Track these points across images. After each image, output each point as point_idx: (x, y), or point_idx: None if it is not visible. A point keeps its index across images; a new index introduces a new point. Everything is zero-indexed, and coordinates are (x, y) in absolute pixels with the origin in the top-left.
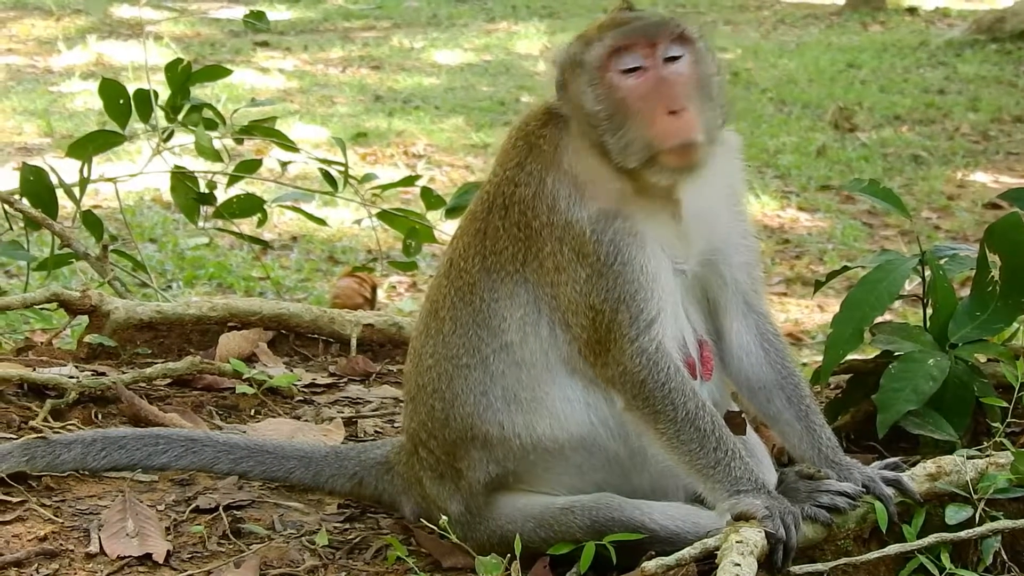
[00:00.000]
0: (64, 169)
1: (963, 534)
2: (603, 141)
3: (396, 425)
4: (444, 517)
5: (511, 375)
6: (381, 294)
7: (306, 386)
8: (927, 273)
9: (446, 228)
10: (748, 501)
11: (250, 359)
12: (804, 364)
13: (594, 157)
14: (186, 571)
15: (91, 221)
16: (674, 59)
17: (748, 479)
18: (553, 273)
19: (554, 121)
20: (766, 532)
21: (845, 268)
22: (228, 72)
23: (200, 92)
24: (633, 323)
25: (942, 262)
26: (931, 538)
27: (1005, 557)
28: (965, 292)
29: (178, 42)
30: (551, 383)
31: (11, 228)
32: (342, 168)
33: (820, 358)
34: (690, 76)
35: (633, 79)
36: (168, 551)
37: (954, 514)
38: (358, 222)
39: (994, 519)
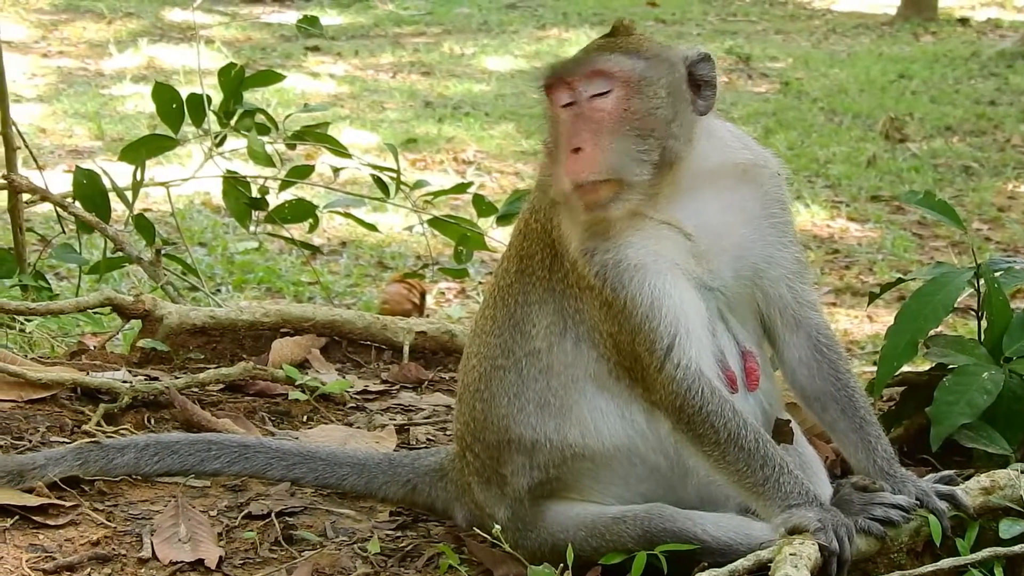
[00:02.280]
0: (114, 172)
1: (1017, 548)
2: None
3: (448, 433)
4: (497, 525)
5: (541, 380)
6: (430, 300)
7: (358, 393)
8: (982, 286)
9: (496, 235)
10: (801, 514)
11: (303, 365)
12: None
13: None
14: None
15: (143, 225)
16: (599, 95)
17: (799, 492)
18: (575, 289)
19: None
20: (819, 545)
21: (900, 280)
22: (281, 77)
23: (250, 97)
24: (652, 353)
25: (997, 275)
26: (984, 552)
27: None
28: (1018, 304)
29: (229, 46)
30: (579, 393)
31: (63, 231)
32: (394, 174)
33: (869, 369)
34: (611, 113)
35: (564, 113)
36: (220, 557)
37: (1008, 528)
38: (410, 228)
39: None
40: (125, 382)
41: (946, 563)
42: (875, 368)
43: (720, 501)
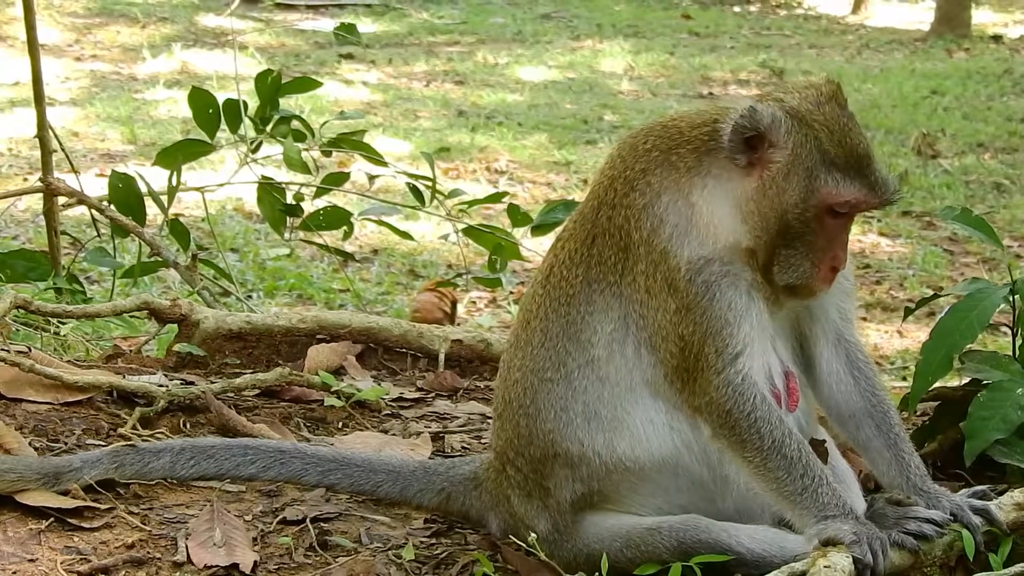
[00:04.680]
0: (148, 177)
1: None
2: (766, 228)
3: (483, 441)
4: (533, 534)
5: (593, 391)
6: (461, 309)
7: (394, 400)
8: (1017, 302)
9: (530, 245)
10: (836, 526)
11: (338, 372)
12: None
13: (729, 213)
14: None
15: (178, 230)
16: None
17: (836, 504)
18: (644, 294)
19: (706, 151)
20: (854, 557)
21: (936, 296)
22: (318, 84)
23: (284, 104)
24: (720, 356)
25: None
26: (1018, 567)
27: None
28: None
29: (263, 52)
30: (633, 403)
31: (98, 235)
32: (429, 183)
33: (900, 383)
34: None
35: (834, 222)
36: (255, 561)
37: None
38: (444, 237)
39: None
40: (161, 386)
41: None
42: (905, 383)
43: (756, 514)
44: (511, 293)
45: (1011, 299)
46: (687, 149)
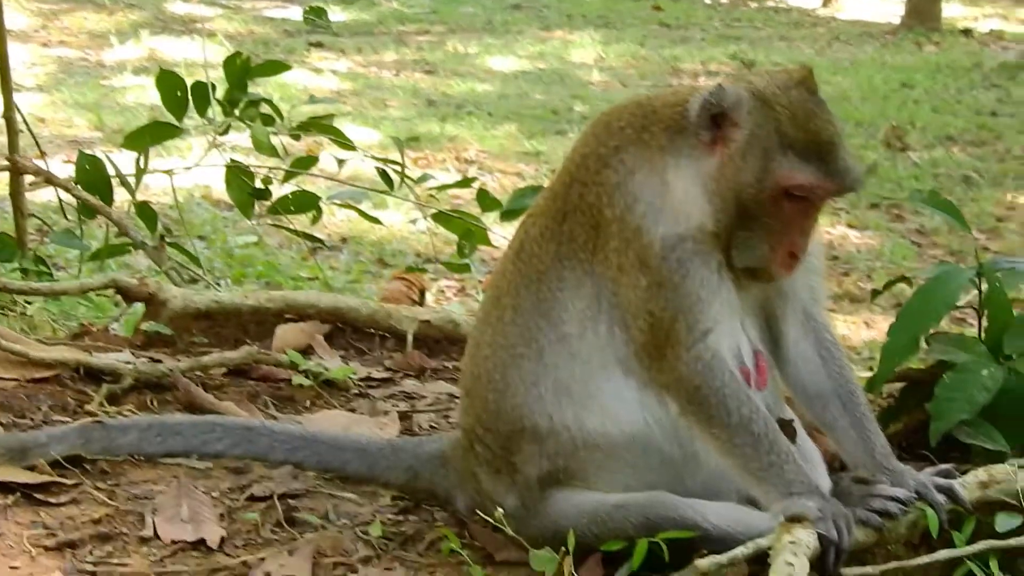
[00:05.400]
0: (115, 162)
1: (1012, 542)
2: (724, 208)
3: (451, 420)
4: (500, 510)
5: (564, 368)
6: (430, 297)
7: (362, 379)
8: (983, 285)
9: (500, 231)
10: (801, 503)
11: (306, 351)
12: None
13: (699, 192)
14: (239, 557)
15: (146, 213)
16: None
17: (801, 481)
18: (616, 271)
19: (678, 130)
20: (819, 534)
21: (903, 278)
22: (287, 67)
23: (253, 89)
24: (691, 332)
25: (998, 275)
26: (980, 545)
27: None
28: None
29: (231, 40)
30: (605, 380)
31: (65, 217)
32: (398, 168)
33: (868, 374)
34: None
35: (792, 206)
36: (222, 537)
37: (1004, 522)
38: (413, 222)
39: None
40: (128, 364)
41: (942, 555)
42: (872, 373)
43: (724, 493)
44: (480, 282)
45: (977, 282)
46: (659, 128)
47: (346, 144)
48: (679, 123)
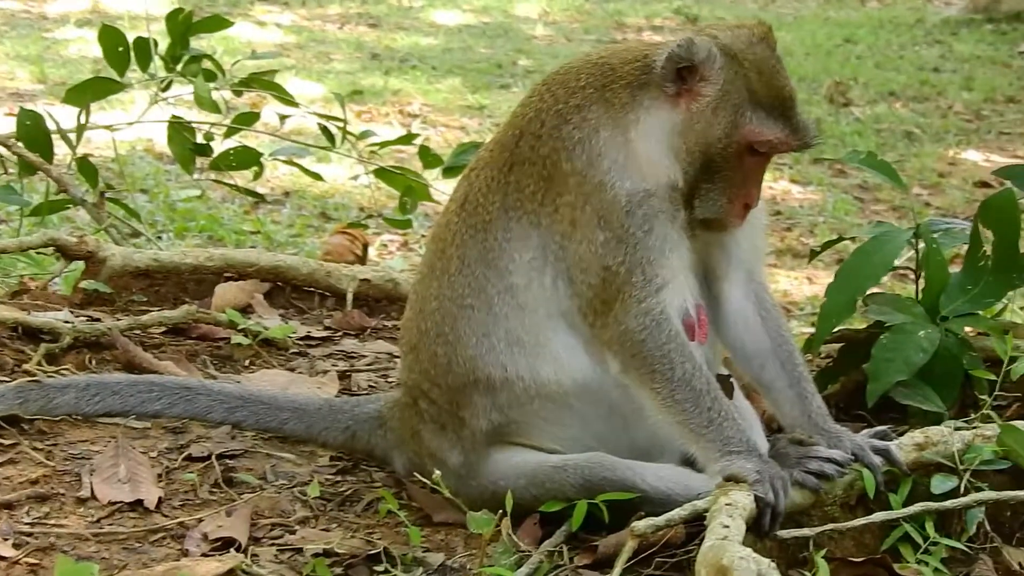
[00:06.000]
0: (57, 116)
1: (948, 504)
2: (690, 162)
3: (390, 380)
4: (437, 472)
5: (514, 318)
6: (372, 252)
7: (301, 339)
8: (920, 246)
9: (442, 187)
10: (739, 464)
11: (246, 310)
12: (793, 335)
13: (664, 148)
14: (177, 518)
15: (86, 168)
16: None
17: (740, 440)
18: (567, 225)
19: (639, 86)
20: (755, 496)
21: (841, 239)
22: (229, 23)
23: (196, 44)
24: (644, 286)
25: (936, 236)
26: (916, 507)
27: (988, 528)
28: (955, 267)
29: None
30: (553, 330)
31: (5, 171)
32: (340, 124)
33: (809, 330)
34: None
35: (751, 160)
36: (159, 498)
37: (940, 484)
38: (355, 178)
39: (979, 490)
40: (67, 323)
41: (878, 517)
42: (813, 329)
43: (671, 444)
44: (423, 236)
45: (915, 243)
46: (620, 85)
47: (288, 100)
48: (640, 79)
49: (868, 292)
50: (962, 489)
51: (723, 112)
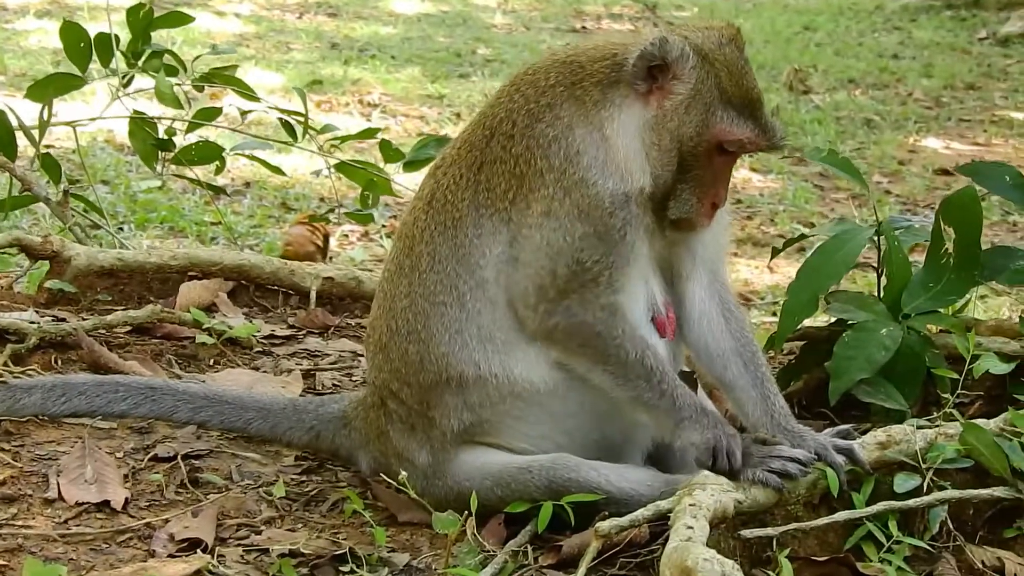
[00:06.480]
0: (18, 109)
1: (911, 503)
2: (662, 160)
3: (354, 378)
4: (403, 472)
5: (486, 314)
6: (333, 242)
7: (265, 337)
8: (882, 243)
9: (402, 179)
10: (690, 432)
11: (210, 309)
12: (755, 325)
13: (639, 147)
14: (143, 519)
15: (49, 164)
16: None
17: (691, 406)
18: (538, 216)
19: (609, 84)
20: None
21: (803, 236)
22: (190, 19)
23: (156, 34)
24: (607, 287)
25: (897, 233)
26: (879, 506)
27: (951, 526)
28: (917, 257)
29: None
30: (522, 324)
31: None
32: (301, 118)
33: (769, 319)
34: None
35: (721, 160)
36: (126, 498)
37: (902, 483)
38: (316, 173)
39: (941, 489)
40: (32, 323)
41: (842, 516)
42: (774, 319)
43: (641, 441)
44: (384, 226)
45: (876, 240)
46: (591, 83)
47: (250, 95)
48: (610, 76)
49: (830, 289)
50: (925, 488)
51: (695, 111)
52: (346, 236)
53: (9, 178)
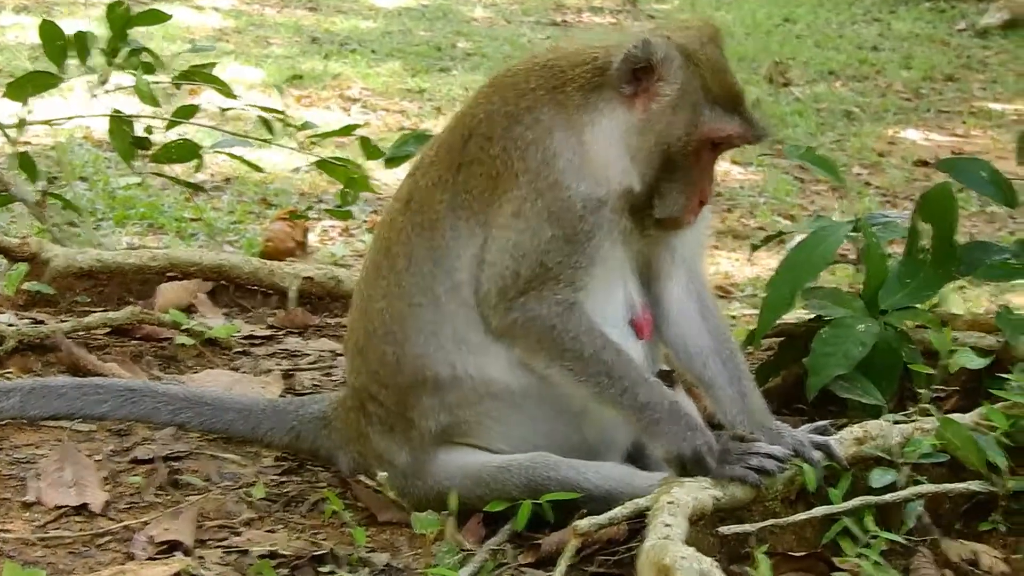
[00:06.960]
0: None
1: (887, 498)
2: (649, 162)
3: (334, 378)
4: (382, 473)
5: (462, 315)
6: (313, 238)
7: (244, 338)
8: (860, 239)
9: (381, 175)
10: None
11: (189, 309)
12: (734, 317)
13: (621, 150)
14: (123, 521)
15: (27, 163)
16: None
17: (659, 406)
18: (507, 217)
19: (591, 88)
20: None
21: (781, 234)
22: (168, 17)
23: (135, 30)
24: (566, 286)
25: (875, 229)
26: (856, 501)
27: (927, 521)
28: (896, 249)
29: None
30: None
31: None
32: (280, 115)
33: (749, 311)
34: None
35: (707, 156)
36: (106, 501)
37: (879, 478)
38: (296, 170)
39: (918, 483)
40: (11, 325)
41: (819, 511)
42: (755, 311)
43: (620, 442)
44: (364, 222)
45: (855, 236)
46: (573, 87)
47: (228, 93)
48: (592, 81)
49: (808, 286)
50: (901, 483)
51: (683, 111)
52: (326, 231)
53: None
